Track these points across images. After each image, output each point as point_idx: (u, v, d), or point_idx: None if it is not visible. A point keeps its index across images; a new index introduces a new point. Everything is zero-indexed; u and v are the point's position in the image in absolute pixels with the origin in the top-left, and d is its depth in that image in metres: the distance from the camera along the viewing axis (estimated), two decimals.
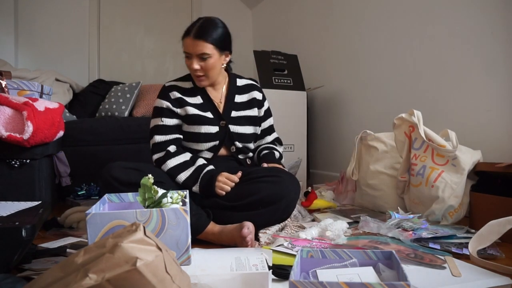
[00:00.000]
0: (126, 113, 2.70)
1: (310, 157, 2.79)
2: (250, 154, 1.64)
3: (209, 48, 1.41)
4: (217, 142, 1.51)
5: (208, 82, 1.50)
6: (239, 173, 1.44)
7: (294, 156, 2.42)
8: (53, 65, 3.08)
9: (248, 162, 1.63)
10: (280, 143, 1.74)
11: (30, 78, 2.51)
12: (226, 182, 1.40)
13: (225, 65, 1.53)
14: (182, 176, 1.42)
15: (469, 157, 1.52)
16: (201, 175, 1.41)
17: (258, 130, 1.64)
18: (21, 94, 1.84)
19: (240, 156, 1.59)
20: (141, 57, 3.57)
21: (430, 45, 1.98)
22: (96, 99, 2.88)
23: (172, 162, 1.43)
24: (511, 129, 1.63)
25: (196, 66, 1.43)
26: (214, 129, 1.50)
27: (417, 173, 1.59)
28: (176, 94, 1.50)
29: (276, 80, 2.52)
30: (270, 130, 1.71)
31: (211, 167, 1.45)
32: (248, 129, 1.59)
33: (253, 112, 1.61)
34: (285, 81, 2.55)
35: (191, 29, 1.42)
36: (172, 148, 1.48)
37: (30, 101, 1.68)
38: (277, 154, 1.63)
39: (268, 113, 1.69)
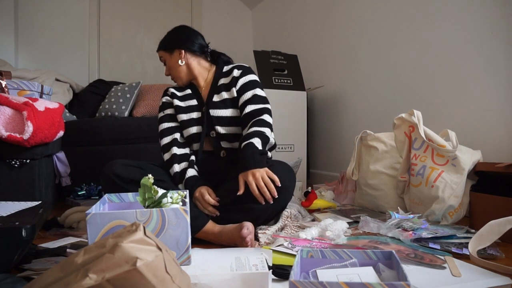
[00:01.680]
0: (126, 113, 2.70)
1: (310, 157, 2.79)
2: (236, 144, 1.53)
3: (161, 54, 1.68)
4: (200, 128, 1.54)
5: (180, 81, 1.65)
6: (215, 201, 1.38)
7: (294, 156, 2.42)
8: (53, 65, 3.08)
9: (222, 155, 1.53)
10: (264, 112, 1.47)
11: (30, 78, 2.51)
12: (202, 204, 1.38)
13: (182, 61, 1.62)
14: (175, 168, 1.48)
15: (469, 157, 1.52)
16: (185, 179, 1.45)
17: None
18: (21, 94, 1.84)
19: (223, 145, 1.53)
20: (141, 57, 3.57)
21: (430, 45, 1.98)
22: (96, 99, 2.88)
23: (176, 150, 1.51)
24: (511, 129, 1.63)
25: (165, 71, 1.69)
26: (196, 114, 1.57)
27: (417, 173, 1.59)
28: (171, 90, 1.67)
29: (276, 80, 2.52)
30: (253, 99, 1.51)
31: (191, 173, 1.45)
32: (228, 112, 1.54)
33: (233, 93, 1.55)
34: (285, 81, 2.56)
35: None
36: (178, 136, 1.57)
37: (30, 101, 1.68)
38: (255, 141, 1.37)
39: (249, 85, 1.54)
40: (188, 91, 1.66)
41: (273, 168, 1.36)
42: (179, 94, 1.65)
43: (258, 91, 1.54)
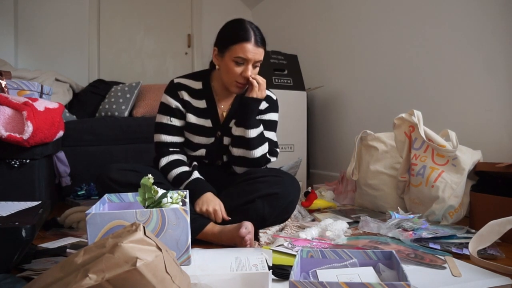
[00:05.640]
0: (126, 113, 2.70)
1: (310, 157, 2.79)
2: None
3: (263, 57, 1.41)
4: (204, 150, 1.46)
5: (244, 89, 1.45)
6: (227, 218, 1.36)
7: (294, 156, 2.42)
8: (53, 65, 3.08)
9: (232, 170, 1.52)
10: (272, 154, 1.51)
11: (30, 78, 2.51)
12: (209, 211, 1.33)
13: None
14: (175, 172, 1.39)
15: (469, 157, 1.52)
16: (187, 181, 1.38)
17: None
18: (21, 94, 1.84)
19: (224, 159, 1.51)
20: (141, 57, 3.57)
21: (430, 45, 1.98)
22: (96, 99, 2.88)
23: (166, 160, 1.43)
24: (511, 129, 1.63)
25: (250, 73, 1.37)
26: (208, 140, 1.47)
27: (417, 173, 1.59)
28: (184, 95, 1.46)
29: (276, 80, 2.52)
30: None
31: (195, 175, 1.40)
32: None
33: None
34: (285, 81, 2.55)
35: (249, 34, 1.36)
36: (175, 152, 1.46)
37: (30, 101, 1.68)
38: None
39: (267, 124, 1.51)
40: (204, 103, 1.47)
41: (280, 179, 1.37)
42: (195, 104, 1.47)
43: (272, 135, 1.53)
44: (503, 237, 1.16)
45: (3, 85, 1.78)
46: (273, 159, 1.52)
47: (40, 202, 1.26)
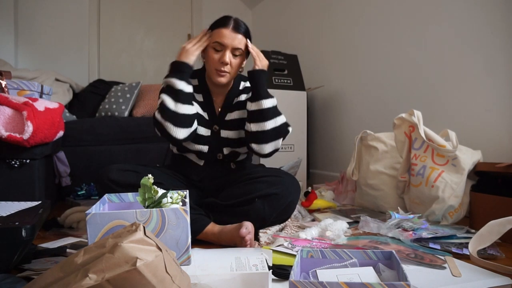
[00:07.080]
0: (126, 113, 2.70)
1: (310, 157, 2.79)
2: (241, 156, 1.54)
3: (243, 45, 1.41)
4: (206, 147, 1.45)
5: (227, 80, 1.42)
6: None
7: (294, 156, 2.42)
8: (53, 65, 3.08)
9: (232, 166, 1.53)
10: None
11: (30, 78, 2.51)
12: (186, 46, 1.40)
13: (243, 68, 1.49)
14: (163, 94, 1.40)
15: (469, 157, 1.52)
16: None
17: None
18: (21, 94, 1.84)
19: (225, 151, 1.50)
20: (141, 57, 3.57)
21: (430, 45, 1.98)
22: (96, 99, 2.88)
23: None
24: (511, 129, 1.63)
25: (228, 59, 1.37)
26: (206, 132, 1.46)
27: (417, 173, 1.59)
28: None
29: (276, 80, 2.52)
30: None
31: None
32: (240, 134, 1.49)
33: (245, 114, 1.49)
34: (285, 81, 2.55)
35: (228, 21, 1.40)
36: None
37: (30, 101, 1.68)
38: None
39: None
40: (201, 97, 1.49)
41: (280, 179, 1.36)
42: (196, 97, 1.48)
43: None
44: (503, 237, 1.16)
45: (3, 85, 1.78)
46: (290, 128, 1.50)
47: (40, 202, 1.26)
